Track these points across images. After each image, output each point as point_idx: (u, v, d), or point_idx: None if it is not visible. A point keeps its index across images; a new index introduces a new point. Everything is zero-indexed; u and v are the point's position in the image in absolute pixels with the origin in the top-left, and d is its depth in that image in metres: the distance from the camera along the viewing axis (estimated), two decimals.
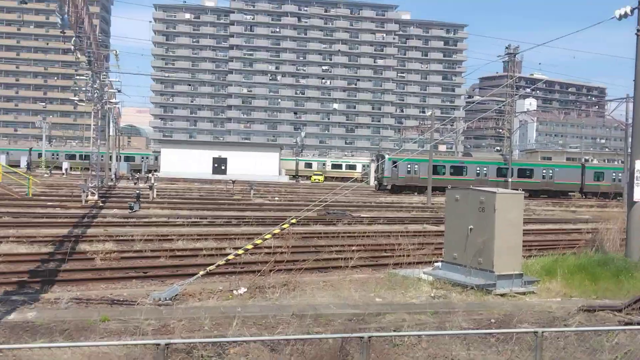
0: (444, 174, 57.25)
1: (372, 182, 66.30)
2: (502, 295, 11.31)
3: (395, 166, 56.22)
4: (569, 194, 62.30)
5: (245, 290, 10.79)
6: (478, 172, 59.38)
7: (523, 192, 13.62)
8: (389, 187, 58.38)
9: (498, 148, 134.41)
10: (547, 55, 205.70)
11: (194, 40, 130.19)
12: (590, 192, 61.47)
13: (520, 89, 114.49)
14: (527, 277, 12.09)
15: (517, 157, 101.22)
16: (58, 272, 12.94)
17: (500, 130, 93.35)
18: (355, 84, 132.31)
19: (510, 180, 57.97)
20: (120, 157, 79.96)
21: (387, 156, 59.36)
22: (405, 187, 57.21)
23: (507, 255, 11.66)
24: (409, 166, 56.44)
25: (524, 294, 11.54)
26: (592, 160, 69.60)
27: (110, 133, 64.37)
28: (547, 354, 7.33)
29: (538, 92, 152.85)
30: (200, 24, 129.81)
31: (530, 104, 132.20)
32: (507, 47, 66.11)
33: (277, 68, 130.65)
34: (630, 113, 28.67)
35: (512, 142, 68.76)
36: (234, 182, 48.39)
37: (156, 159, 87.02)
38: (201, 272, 11.44)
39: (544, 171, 60.87)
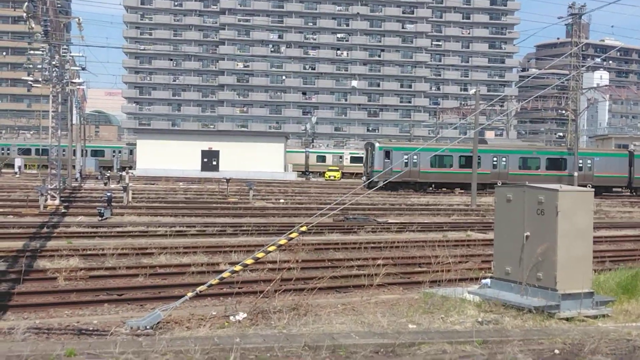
0: (450, 166, 57.22)
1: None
2: (567, 319, 11.27)
3: (389, 157, 56.11)
4: (613, 189, 62.27)
5: (245, 315, 10.83)
6: (495, 163, 59.18)
7: (593, 189, 13.57)
8: (380, 183, 58.31)
9: (560, 134, 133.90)
10: (622, 16, 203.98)
11: (176, 3, 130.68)
12: None
13: (588, 58, 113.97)
14: (598, 296, 12.04)
15: (586, 145, 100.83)
16: (11, 296, 13.04)
17: (564, 112, 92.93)
18: (379, 56, 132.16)
19: (576, 174, 57.75)
20: (86, 151, 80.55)
21: (377, 145, 59.23)
22: (402, 184, 56.97)
23: (574, 269, 11.62)
24: (406, 157, 56.43)
25: (595, 317, 11.49)
26: None
27: (74, 121, 64.89)
28: None
29: (611, 62, 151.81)
30: None
31: (601, 77, 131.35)
32: (570, 6, 65.71)
33: (280, 37, 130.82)
34: None
35: (579, 126, 68.38)
36: (228, 180, 48.56)
37: (131, 153, 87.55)
38: (189, 294, 11.50)
39: (580, 161, 60.80)
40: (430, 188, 58.26)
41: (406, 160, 56.33)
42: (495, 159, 59.16)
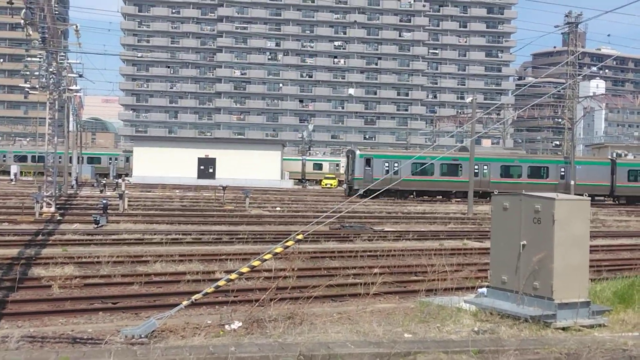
0: (432, 174, 57.45)
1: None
2: (563, 328, 11.25)
3: (369, 165, 56.38)
4: (595, 198, 62.32)
5: (240, 324, 10.80)
6: (476, 171, 59.09)
7: (589, 198, 13.57)
8: (361, 191, 58.42)
9: (557, 142, 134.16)
10: (618, 25, 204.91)
11: (174, 10, 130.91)
12: (624, 195, 62.15)
13: (584, 67, 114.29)
14: (595, 305, 12.02)
15: (582, 153, 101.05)
16: (5, 304, 12.99)
17: (560, 120, 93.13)
18: (376, 64, 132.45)
19: (573, 183, 57.77)
20: (82, 158, 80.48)
21: (358, 152, 59.43)
22: (383, 192, 57.17)
23: (570, 278, 11.59)
24: (386, 165, 56.60)
25: (591, 327, 11.46)
26: (625, 155, 69.42)
27: (70, 128, 64.86)
28: None
29: (607, 71, 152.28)
30: None
31: (597, 86, 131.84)
32: (567, 15, 65.89)
33: (277, 45, 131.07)
34: None
35: (575, 135, 68.51)
36: (224, 188, 48.53)
37: (127, 160, 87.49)
38: (184, 303, 11.46)
39: (562, 169, 60.77)
40: (412, 196, 58.44)
41: (387, 168, 56.64)
42: (476, 167, 59.20)
